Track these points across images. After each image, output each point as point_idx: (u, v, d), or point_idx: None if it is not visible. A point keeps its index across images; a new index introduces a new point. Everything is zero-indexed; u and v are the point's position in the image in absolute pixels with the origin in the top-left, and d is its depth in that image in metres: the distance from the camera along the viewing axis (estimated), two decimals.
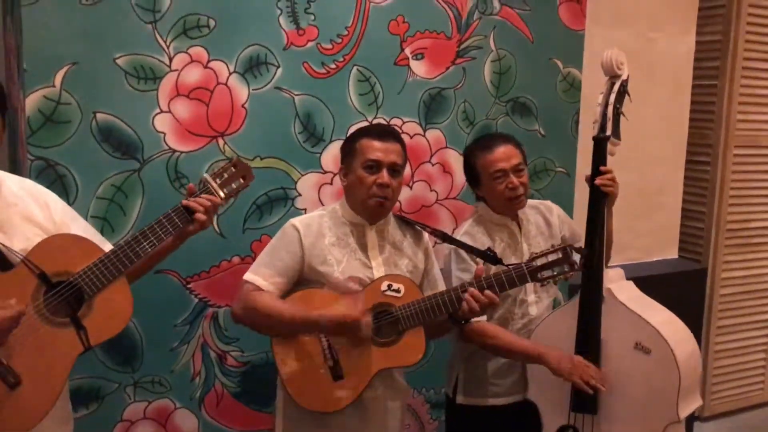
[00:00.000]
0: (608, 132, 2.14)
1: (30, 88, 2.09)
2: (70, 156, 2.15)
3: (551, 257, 1.96)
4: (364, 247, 2.06)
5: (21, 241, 1.66)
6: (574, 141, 2.93)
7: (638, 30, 3.56)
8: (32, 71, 2.08)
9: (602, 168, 2.16)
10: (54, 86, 2.11)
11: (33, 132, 2.10)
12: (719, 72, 3.82)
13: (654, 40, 3.63)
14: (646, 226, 3.82)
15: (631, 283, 2.27)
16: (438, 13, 2.61)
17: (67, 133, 2.14)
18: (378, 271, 2.03)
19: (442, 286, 2.16)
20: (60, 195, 2.12)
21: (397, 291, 1.99)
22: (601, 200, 2.16)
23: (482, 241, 2.22)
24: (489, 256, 2.09)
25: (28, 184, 1.80)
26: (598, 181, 2.15)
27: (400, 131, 2.58)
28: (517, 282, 1.98)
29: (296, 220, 2.05)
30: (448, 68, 2.66)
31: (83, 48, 2.13)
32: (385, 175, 1.99)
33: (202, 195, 1.84)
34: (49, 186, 2.11)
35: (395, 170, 2.02)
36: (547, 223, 2.34)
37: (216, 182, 1.87)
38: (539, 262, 1.96)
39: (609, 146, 2.15)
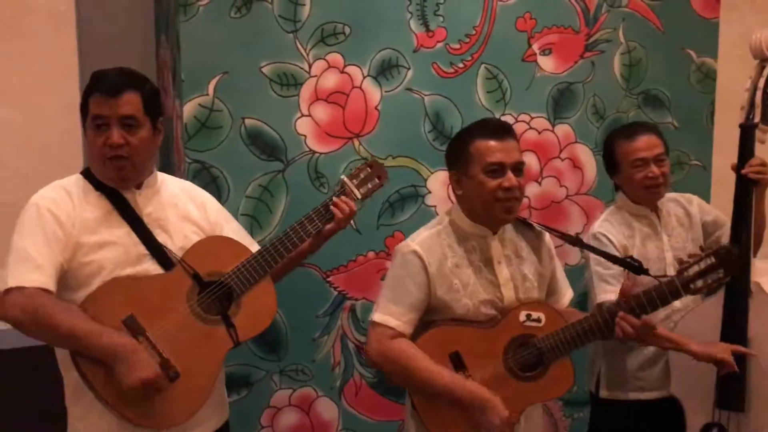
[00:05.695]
0: (756, 119, 2.07)
1: (187, 96, 2.28)
2: (223, 159, 2.33)
3: (703, 264, 1.81)
4: (488, 262, 1.90)
5: (180, 239, 1.80)
6: (710, 133, 2.84)
7: None
8: (189, 81, 2.28)
9: (751, 161, 2.08)
10: (208, 94, 2.30)
11: (190, 137, 2.30)
12: None
13: None
14: None
15: None
16: (565, 8, 2.61)
17: (220, 138, 2.32)
18: (506, 288, 1.89)
19: (566, 288, 2.07)
20: (214, 195, 2.30)
21: (538, 321, 1.86)
22: (748, 190, 2.08)
23: (620, 230, 2.20)
24: (632, 266, 1.94)
25: (187, 185, 1.95)
26: (745, 170, 2.07)
27: (529, 127, 2.61)
28: (670, 298, 1.82)
29: (416, 245, 1.87)
30: (576, 62, 2.65)
31: (233, 58, 2.30)
32: (512, 177, 1.82)
33: (342, 197, 1.92)
34: (204, 186, 2.29)
35: (519, 169, 1.85)
36: (687, 214, 2.29)
37: (353, 183, 1.97)
38: (691, 271, 1.81)
39: (758, 133, 2.08)
